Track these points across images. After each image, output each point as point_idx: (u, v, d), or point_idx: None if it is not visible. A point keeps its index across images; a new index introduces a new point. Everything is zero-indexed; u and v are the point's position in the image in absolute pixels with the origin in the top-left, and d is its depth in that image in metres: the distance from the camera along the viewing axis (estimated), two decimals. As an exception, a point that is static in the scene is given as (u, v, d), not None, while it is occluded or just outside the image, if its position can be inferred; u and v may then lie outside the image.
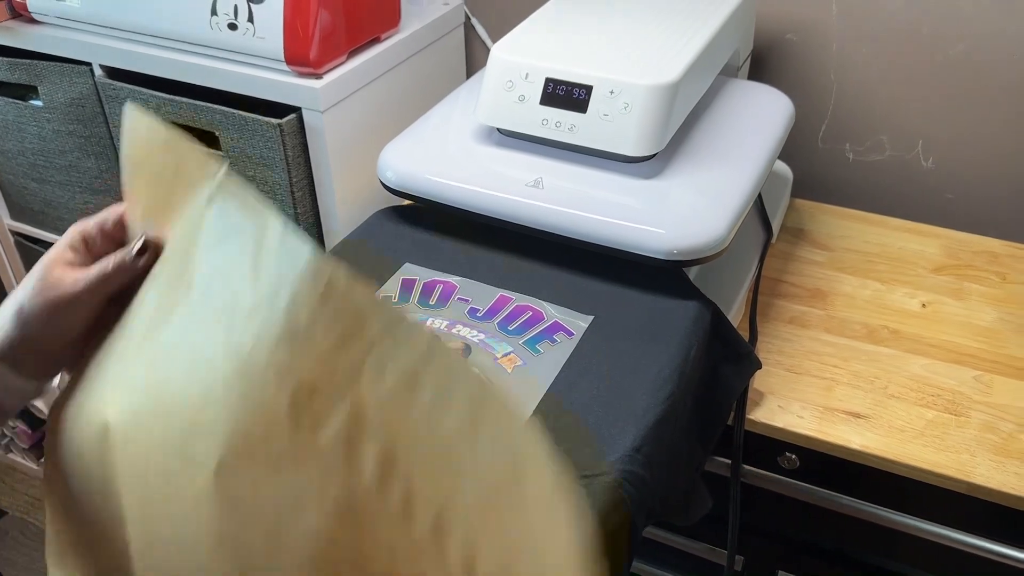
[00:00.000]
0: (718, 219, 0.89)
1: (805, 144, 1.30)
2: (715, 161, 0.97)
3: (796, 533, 1.06)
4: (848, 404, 0.95)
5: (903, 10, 1.16)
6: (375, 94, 1.20)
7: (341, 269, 0.48)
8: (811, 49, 1.23)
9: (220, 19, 1.11)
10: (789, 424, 0.93)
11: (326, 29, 1.09)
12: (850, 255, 1.17)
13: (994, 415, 0.93)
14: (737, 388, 0.93)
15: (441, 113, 1.09)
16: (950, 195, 1.26)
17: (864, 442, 0.90)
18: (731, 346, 0.93)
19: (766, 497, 1.01)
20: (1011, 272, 1.13)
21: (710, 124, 1.02)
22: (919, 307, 1.08)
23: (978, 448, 0.89)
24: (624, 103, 0.90)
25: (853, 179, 1.30)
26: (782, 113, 1.06)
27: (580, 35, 0.99)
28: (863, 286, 1.12)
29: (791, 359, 1.01)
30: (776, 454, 0.97)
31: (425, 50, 1.29)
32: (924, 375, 0.98)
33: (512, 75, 0.95)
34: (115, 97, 1.22)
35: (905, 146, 1.25)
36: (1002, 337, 1.03)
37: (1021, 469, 0.87)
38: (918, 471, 0.88)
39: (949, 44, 1.15)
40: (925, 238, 1.20)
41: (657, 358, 0.83)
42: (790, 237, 1.21)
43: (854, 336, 1.04)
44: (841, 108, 1.26)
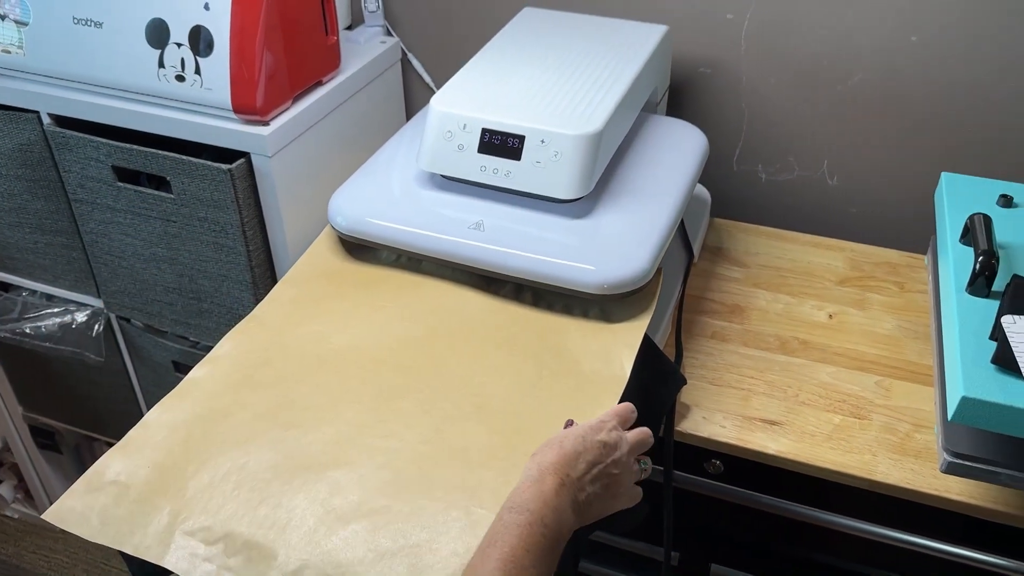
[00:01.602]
0: (642, 254, 0.98)
1: (721, 167, 1.40)
2: (638, 198, 1.06)
3: (725, 530, 1.16)
4: (764, 412, 1.05)
5: (805, 46, 1.27)
6: (320, 135, 1.27)
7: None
8: (723, 81, 1.34)
9: (168, 71, 1.17)
10: (713, 434, 1.03)
11: (271, 78, 1.15)
12: (764, 271, 1.28)
13: (893, 417, 1.04)
14: (666, 404, 1.03)
15: (385, 158, 1.16)
16: (853, 209, 1.38)
17: (779, 448, 1.01)
18: (660, 367, 1.02)
19: (697, 499, 1.11)
20: (908, 281, 1.25)
21: (633, 162, 1.12)
22: (826, 318, 1.19)
23: (879, 448, 1.00)
24: (554, 151, 0.99)
25: (766, 198, 1.41)
26: (697, 147, 1.16)
27: (512, 85, 1.07)
28: (776, 300, 1.23)
29: (713, 372, 1.11)
30: (703, 460, 1.07)
31: (365, 88, 1.36)
32: (831, 382, 1.09)
33: (451, 126, 1.02)
34: (64, 144, 1.27)
35: (812, 166, 1.36)
36: (900, 344, 1.14)
37: (916, 465, 0.98)
38: (827, 472, 0.99)
39: (848, 75, 1.27)
40: (831, 251, 1.31)
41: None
42: (710, 255, 1.31)
43: (768, 348, 1.15)
44: (753, 133, 1.37)
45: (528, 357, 0.97)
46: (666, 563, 1.11)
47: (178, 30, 1.14)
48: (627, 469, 0.77)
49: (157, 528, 0.79)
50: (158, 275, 1.34)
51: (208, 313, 1.34)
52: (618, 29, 1.21)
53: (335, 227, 1.08)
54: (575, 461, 0.73)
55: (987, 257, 0.91)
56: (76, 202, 1.33)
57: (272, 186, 1.19)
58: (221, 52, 1.13)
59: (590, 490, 0.72)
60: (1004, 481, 0.88)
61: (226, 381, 0.94)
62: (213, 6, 1.12)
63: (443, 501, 0.79)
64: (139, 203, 1.26)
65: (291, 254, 1.25)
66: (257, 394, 0.92)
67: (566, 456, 0.73)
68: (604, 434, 0.77)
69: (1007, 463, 0.87)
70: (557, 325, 1.01)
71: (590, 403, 0.90)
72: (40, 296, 1.52)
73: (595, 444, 0.75)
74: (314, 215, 1.28)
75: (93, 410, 1.68)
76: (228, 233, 1.23)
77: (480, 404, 0.90)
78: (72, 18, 1.19)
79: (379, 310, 1.03)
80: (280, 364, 0.96)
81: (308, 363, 0.96)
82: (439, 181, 1.09)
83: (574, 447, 0.74)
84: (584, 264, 0.97)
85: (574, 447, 0.74)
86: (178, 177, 1.21)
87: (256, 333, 1.00)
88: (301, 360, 0.96)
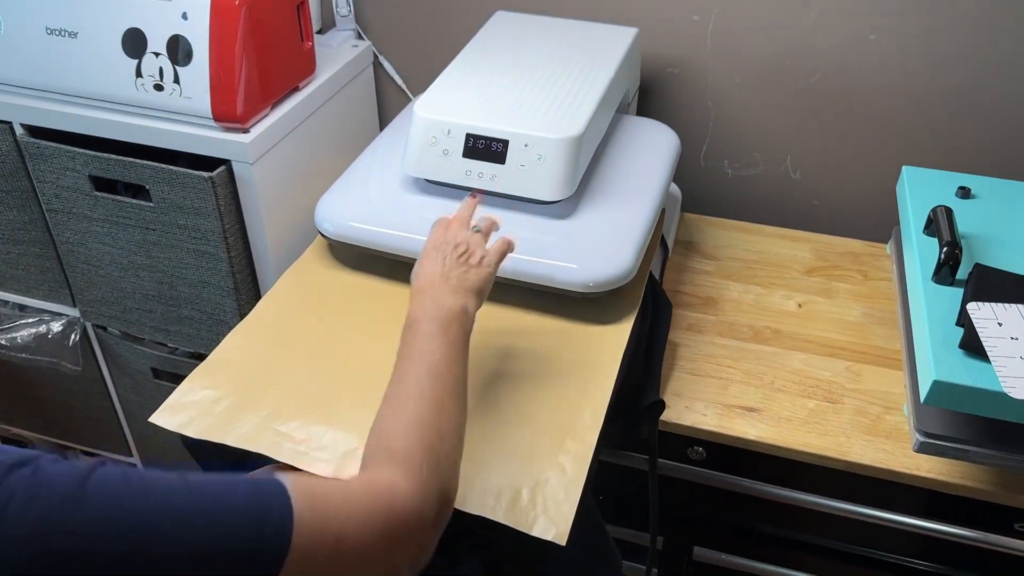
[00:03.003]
0: (625, 252, 1.02)
1: (689, 163, 1.45)
2: (617, 198, 1.10)
3: (707, 514, 1.21)
4: (742, 400, 1.10)
5: (767, 46, 1.31)
6: (298, 140, 1.28)
7: None
8: (690, 80, 1.38)
9: (145, 80, 1.17)
10: (695, 422, 1.07)
11: (250, 85, 1.16)
12: (734, 263, 1.33)
13: (864, 400, 1.09)
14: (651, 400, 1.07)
15: (368, 163, 1.18)
16: (816, 201, 1.43)
17: (758, 433, 1.05)
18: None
19: (679, 485, 1.15)
20: (871, 269, 1.31)
21: (610, 162, 1.15)
22: (796, 307, 1.24)
23: (852, 430, 1.05)
24: (538, 154, 1.02)
25: (732, 192, 1.46)
26: (670, 147, 1.20)
27: (493, 90, 1.10)
28: (747, 291, 1.27)
29: (692, 363, 1.15)
30: (686, 448, 1.11)
31: (340, 93, 1.38)
32: (804, 369, 1.14)
33: (435, 132, 1.05)
34: (38, 155, 1.26)
35: (776, 161, 1.41)
36: (867, 330, 1.20)
37: (888, 445, 1.03)
38: (805, 455, 1.03)
39: (808, 74, 1.32)
40: (797, 243, 1.37)
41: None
42: (681, 249, 1.36)
43: (742, 338, 1.19)
44: (719, 130, 1.41)
45: (516, 357, 1.00)
46: (652, 547, 1.16)
47: (156, 39, 1.15)
48: (469, 241, 0.88)
49: (253, 423, 0.90)
50: (136, 283, 1.34)
51: (189, 319, 1.35)
52: (590, 32, 1.24)
53: (322, 232, 1.09)
54: (428, 267, 0.85)
55: (951, 247, 0.96)
56: (51, 212, 1.32)
57: (254, 192, 1.21)
58: (200, 61, 1.14)
59: (454, 273, 0.83)
60: (972, 458, 0.94)
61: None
62: (191, 15, 1.13)
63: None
64: (117, 212, 1.27)
65: (272, 258, 1.27)
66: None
67: (420, 275, 0.85)
68: (432, 242, 0.89)
69: (975, 441, 0.92)
70: (544, 324, 1.04)
71: (580, 400, 0.94)
72: (13, 307, 1.51)
73: (432, 249, 0.87)
74: (294, 220, 1.29)
75: (68, 420, 1.67)
76: (209, 240, 1.24)
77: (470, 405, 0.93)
78: (45, 28, 1.19)
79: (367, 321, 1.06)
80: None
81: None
82: (424, 185, 1.11)
83: (421, 270, 0.85)
84: (569, 263, 1.00)
85: (421, 270, 0.85)
86: (157, 185, 1.21)
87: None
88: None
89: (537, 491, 0.83)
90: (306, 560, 0.55)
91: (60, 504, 0.46)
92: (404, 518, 0.63)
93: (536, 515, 0.81)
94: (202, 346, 1.38)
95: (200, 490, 0.53)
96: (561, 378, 0.97)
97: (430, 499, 0.66)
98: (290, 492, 0.57)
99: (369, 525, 0.60)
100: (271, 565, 0.53)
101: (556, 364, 0.99)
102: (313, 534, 0.56)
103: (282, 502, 0.56)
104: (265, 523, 0.54)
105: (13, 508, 0.45)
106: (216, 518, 0.52)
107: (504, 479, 0.84)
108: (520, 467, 0.86)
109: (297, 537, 0.54)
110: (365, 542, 0.59)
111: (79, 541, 0.46)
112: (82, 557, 0.46)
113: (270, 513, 0.55)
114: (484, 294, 0.86)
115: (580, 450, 0.88)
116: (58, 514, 0.46)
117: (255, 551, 0.53)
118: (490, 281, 0.86)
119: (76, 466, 0.49)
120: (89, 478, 0.48)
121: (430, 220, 1.06)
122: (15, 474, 0.47)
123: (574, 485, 0.84)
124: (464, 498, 0.83)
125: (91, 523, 0.47)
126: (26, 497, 0.45)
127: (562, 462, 0.86)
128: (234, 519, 0.53)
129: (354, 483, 0.63)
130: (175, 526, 0.50)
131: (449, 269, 0.83)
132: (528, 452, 0.87)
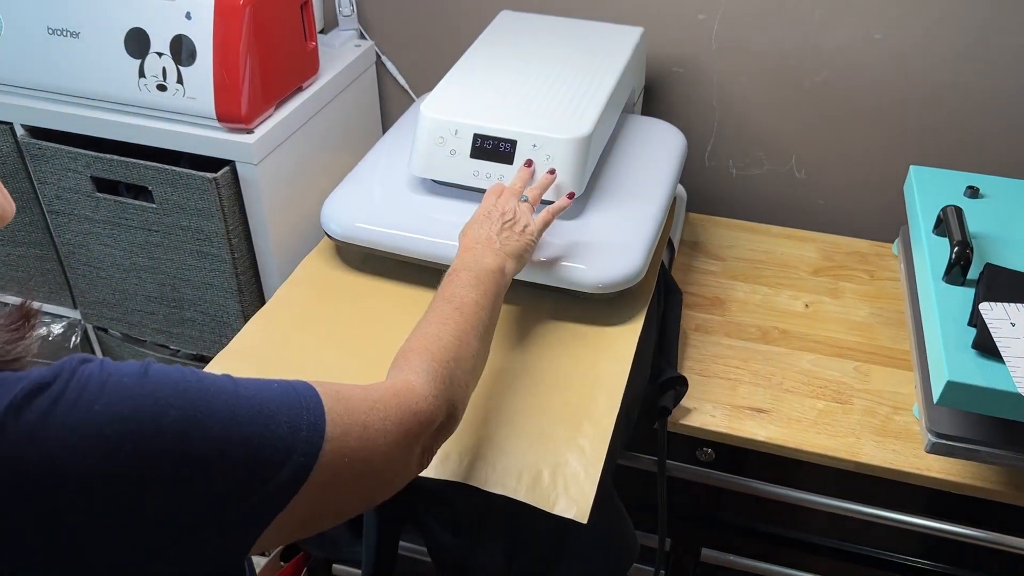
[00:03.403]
0: (635, 253, 1.01)
1: (693, 163, 1.44)
2: (626, 198, 1.09)
3: (715, 515, 1.20)
4: (751, 400, 1.09)
5: (772, 44, 1.31)
6: (301, 140, 1.27)
7: None
8: (695, 80, 1.37)
9: (148, 81, 1.16)
10: (704, 423, 1.07)
11: (255, 85, 1.15)
12: (740, 263, 1.32)
13: (873, 400, 1.09)
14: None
15: (373, 163, 1.17)
16: (821, 201, 1.43)
17: (768, 434, 1.05)
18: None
19: (688, 486, 1.15)
20: (877, 269, 1.31)
21: (617, 162, 1.15)
22: (803, 308, 1.24)
23: (862, 431, 1.05)
24: (546, 155, 1.01)
25: (737, 192, 1.46)
26: (677, 147, 1.20)
27: (499, 90, 1.09)
28: (754, 291, 1.27)
29: (700, 364, 1.15)
30: (695, 449, 1.11)
31: (343, 93, 1.37)
32: (812, 369, 1.14)
33: (442, 132, 1.04)
34: (39, 156, 1.25)
35: (780, 160, 1.41)
36: (874, 330, 1.19)
37: (898, 446, 1.03)
38: (815, 456, 1.03)
39: (813, 73, 1.32)
40: (803, 243, 1.36)
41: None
42: (687, 250, 1.35)
43: (750, 338, 1.19)
44: (723, 129, 1.41)
45: (531, 344, 1.00)
46: (660, 549, 1.15)
47: (159, 39, 1.14)
48: (517, 210, 0.95)
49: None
50: (138, 285, 1.33)
51: (191, 321, 1.34)
52: (596, 31, 1.24)
53: (329, 234, 1.09)
54: (477, 230, 0.92)
55: (962, 247, 0.96)
56: (52, 213, 1.31)
57: (258, 193, 1.20)
58: (204, 61, 1.13)
59: (498, 237, 0.91)
60: (984, 458, 0.93)
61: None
62: (195, 15, 1.12)
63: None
64: (119, 213, 1.26)
65: (276, 260, 1.26)
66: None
67: (468, 235, 0.93)
68: (483, 208, 0.96)
69: (987, 441, 0.92)
70: (553, 326, 1.03)
71: (595, 386, 0.95)
72: (12, 309, 1.49)
73: (483, 215, 0.94)
74: (298, 221, 1.29)
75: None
76: (213, 241, 1.23)
77: (475, 404, 0.93)
78: (47, 28, 1.18)
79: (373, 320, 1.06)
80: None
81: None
82: (430, 185, 1.10)
83: (469, 231, 0.93)
84: (579, 264, 1.00)
85: (469, 231, 0.93)
86: (160, 187, 1.20)
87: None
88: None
89: (557, 472, 0.86)
90: (339, 447, 0.60)
91: (129, 384, 0.52)
92: (418, 416, 0.69)
93: (557, 494, 0.84)
94: (204, 348, 1.37)
95: (242, 382, 0.59)
96: (576, 365, 0.98)
97: (441, 406, 0.72)
98: (316, 388, 0.62)
99: (389, 417, 0.66)
100: (311, 447, 0.58)
101: (571, 352, 1.00)
102: (343, 424, 0.61)
103: (314, 396, 0.61)
104: (303, 412, 0.59)
105: (90, 390, 0.51)
106: (260, 405, 0.57)
107: (524, 461, 0.87)
108: (540, 449, 0.88)
109: (331, 425, 0.60)
110: (387, 431, 0.65)
111: (147, 417, 0.52)
112: (152, 429, 0.51)
113: (306, 405, 0.60)
114: (524, 259, 0.93)
115: (598, 433, 0.90)
116: (127, 391, 0.52)
117: (295, 440, 0.58)
118: (531, 248, 0.94)
119: (132, 362, 0.55)
120: (148, 367, 0.55)
121: (437, 221, 1.06)
122: (85, 367, 0.52)
123: (593, 465, 0.87)
124: (486, 479, 0.86)
125: (157, 398, 0.53)
126: (100, 382, 0.51)
127: (581, 444, 0.89)
128: (277, 407, 0.58)
129: (371, 385, 0.69)
130: (226, 407, 0.55)
131: (495, 234, 0.91)
132: (547, 435, 0.90)
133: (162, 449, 0.52)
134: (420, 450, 0.71)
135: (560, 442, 0.89)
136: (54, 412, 0.50)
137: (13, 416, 0.49)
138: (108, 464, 0.50)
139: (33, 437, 0.48)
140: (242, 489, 0.55)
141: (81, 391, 0.51)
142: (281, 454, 0.57)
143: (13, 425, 0.48)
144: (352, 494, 0.64)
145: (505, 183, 1.02)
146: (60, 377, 0.51)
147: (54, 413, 0.50)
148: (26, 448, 0.48)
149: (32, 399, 0.50)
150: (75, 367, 0.52)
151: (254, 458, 0.55)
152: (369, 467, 0.64)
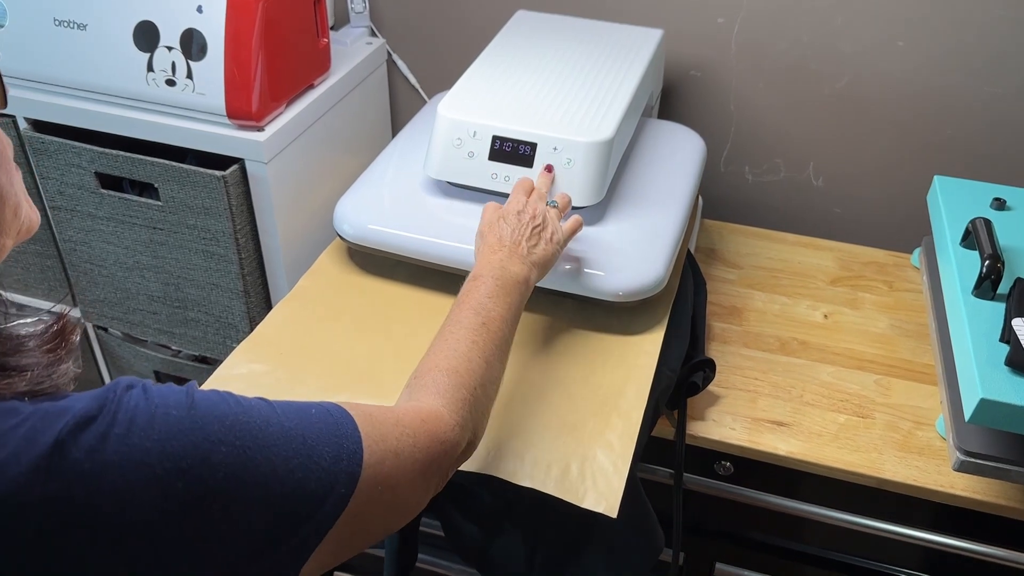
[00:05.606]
0: (656, 261, 0.99)
1: (709, 168, 1.42)
2: (646, 204, 1.06)
3: (730, 529, 1.18)
4: (771, 414, 1.07)
5: (792, 49, 1.28)
6: (312, 139, 1.24)
7: None
8: (713, 84, 1.35)
9: (157, 75, 1.13)
10: (723, 436, 1.04)
11: (266, 82, 1.12)
12: (757, 272, 1.30)
13: (894, 415, 1.07)
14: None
15: (385, 164, 1.15)
16: (838, 210, 1.40)
17: (789, 448, 1.02)
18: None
19: (704, 500, 1.12)
20: (896, 280, 1.28)
21: (637, 167, 1.12)
22: (822, 318, 1.21)
23: (884, 446, 1.03)
24: (567, 158, 0.98)
25: (753, 198, 1.43)
26: (696, 152, 1.17)
27: (518, 91, 1.07)
28: (772, 301, 1.24)
29: (720, 375, 1.12)
30: (713, 462, 1.08)
31: (354, 91, 1.34)
32: (832, 382, 1.11)
33: (460, 133, 1.01)
34: (42, 150, 1.22)
35: (798, 167, 1.39)
36: (895, 342, 1.17)
37: (921, 462, 1.01)
38: (837, 471, 1.01)
39: (834, 79, 1.29)
40: (820, 252, 1.34)
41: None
42: (703, 257, 1.32)
43: (769, 349, 1.16)
44: (740, 135, 1.38)
45: (558, 339, 0.99)
46: (674, 562, 1.12)
47: (169, 33, 1.11)
48: (546, 215, 0.92)
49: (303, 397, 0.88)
50: (141, 283, 1.30)
51: (195, 322, 1.31)
52: (614, 33, 1.21)
53: (341, 235, 1.06)
54: (504, 229, 0.90)
55: (993, 261, 0.94)
56: (54, 209, 1.28)
57: (267, 192, 1.17)
58: (215, 56, 1.10)
59: (526, 243, 0.89)
60: (1014, 478, 0.91)
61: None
62: (206, 9, 1.09)
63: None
64: (123, 210, 1.23)
65: (284, 261, 1.23)
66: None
67: (493, 233, 0.90)
68: (513, 206, 0.93)
69: (1017, 460, 0.90)
70: (574, 334, 1.01)
71: (623, 380, 0.94)
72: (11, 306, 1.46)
73: (512, 213, 0.91)
74: (307, 221, 1.26)
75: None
76: (219, 241, 1.20)
77: (502, 397, 0.91)
78: (53, 19, 1.15)
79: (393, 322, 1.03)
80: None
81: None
82: (445, 187, 1.08)
83: (496, 229, 0.91)
84: (600, 271, 0.97)
85: (496, 229, 0.91)
86: (167, 184, 1.17)
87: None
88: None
89: (586, 466, 0.85)
90: (375, 474, 0.59)
91: (177, 418, 0.51)
92: (444, 445, 0.68)
93: (586, 489, 0.83)
94: (207, 349, 1.34)
95: (281, 409, 0.57)
96: (604, 361, 0.97)
97: (465, 435, 0.72)
98: (350, 413, 0.61)
99: (418, 445, 0.65)
100: (352, 477, 0.57)
101: (598, 347, 0.99)
102: (379, 451, 0.60)
103: (350, 422, 0.60)
104: (343, 440, 0.58)
105: (138, 424, 0.49)
106: (304, 437, 0.56)
107: (553, 454, 0.86)
108: (568, 443, 0.88)
109: (367, 453, 0.59)
110: (416, 459, 0.64)
111: (198, 455, 0.50)
112: (203, 468, 0.50)
113: (344, 432, 0.59)
114: (548, 267, 0.91)
115: (626, 427, 0.89)
116: (176, 426, 0.50)
117: (337, 470, 0.57)
118: (557, 256, 0.92)
119: (175, 387, 0.53)
120: (192, 395, 0.53)
121: (453, 224, 1.03)
122: (130, 395, 0.51)
123: (622, 460, 0.86)
124: (515, 471, 0.85)
125: (207, 434, 0.51)
126: (148, 415, 0.50)
127: (609, 438, 0.88)
128: (318, 437, 0.57)
129: (401, 409, 0.68)
130: (271, 436, 0.54)
131: (523, 237, 0.89)
132: (575, 429, 0.89)
133: (213, 489, 0.50)
134: (439, 478, 0.70)
135: (589, 436, 0.88)
136: (103, 449, 0.47)
137: (59, 454, 0.46)
138: (159, 503, 0.48)
139: (83, 476, 0.46)
140: (288, 523, 0.54)
141: (130, 425, 0.49)
142: (324, 487, 0.56)
143: (61, 463, 0.46)
144: (380, 522, 0.63)
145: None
146: (106, 408, 0.49)
147: (103, 450, 0.47)
148: (75, 487, 0.46)
149: (78, 434, 0.47)
150: (120, 396, 0.50)
151: (299, 494, 0.54)
152: (397, 495, 0.63)
